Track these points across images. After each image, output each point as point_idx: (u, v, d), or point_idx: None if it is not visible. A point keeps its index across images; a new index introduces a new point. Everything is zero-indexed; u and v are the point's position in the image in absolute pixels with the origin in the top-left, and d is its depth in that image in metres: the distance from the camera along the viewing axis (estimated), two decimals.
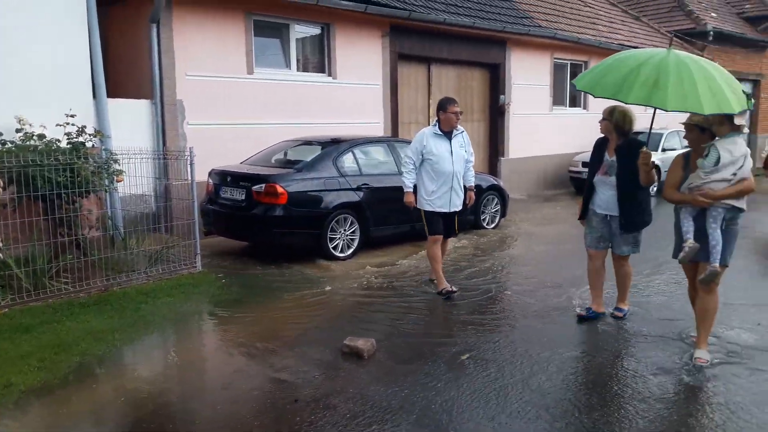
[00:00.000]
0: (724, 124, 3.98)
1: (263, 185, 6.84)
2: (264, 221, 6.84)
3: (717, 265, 4.02)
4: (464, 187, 6.01)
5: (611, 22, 16.09)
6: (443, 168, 5.75)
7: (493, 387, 3.97)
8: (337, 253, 7.24)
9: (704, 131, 4.07)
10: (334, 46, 9.72)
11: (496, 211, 9.21)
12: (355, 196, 7.34)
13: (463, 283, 6.39)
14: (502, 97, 12.59)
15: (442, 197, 5.83)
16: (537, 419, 3.55)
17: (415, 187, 5.93)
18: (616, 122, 4.79)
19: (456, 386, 3.98)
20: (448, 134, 5.82)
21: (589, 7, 16.22)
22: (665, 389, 3.91)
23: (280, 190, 6.77)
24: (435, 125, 5.86)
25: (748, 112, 3.90)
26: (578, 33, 13.75)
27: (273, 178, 6.92)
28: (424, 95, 11.49)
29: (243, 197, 7.04)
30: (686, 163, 4.19)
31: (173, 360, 4.60)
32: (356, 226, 7.37)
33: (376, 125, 10.22)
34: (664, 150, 13.25)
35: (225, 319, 5.40)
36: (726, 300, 5.18)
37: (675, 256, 4.30)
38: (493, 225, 9.14)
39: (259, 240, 7.39)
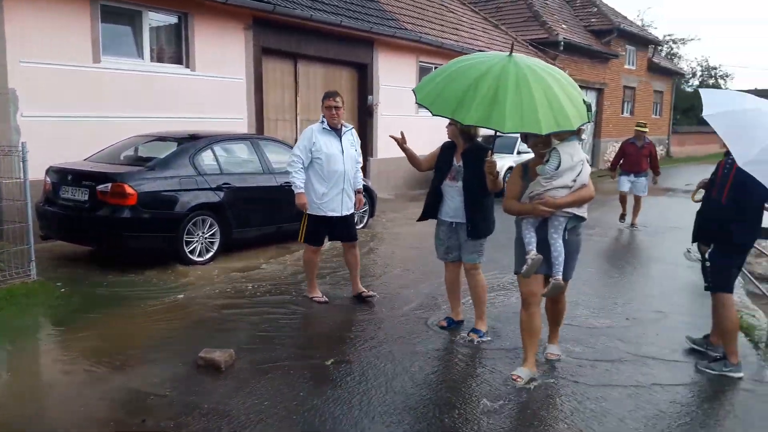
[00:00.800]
0: None
1: (109, 185, 6.23)
2: (110, 224, 6.25)
3: (560, 277, 3.88)
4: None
5: (472, 28, 16.77)
6: (334, 167, 5.35)
7: (356, 392, 3.86)
8: (195, 258, 6.79)
9: (544, 138, 3.79)
10: (192, 37, 9.17)
11: (364, 211, 9.17)
12: (214, 197, 6.92)
13: (328, 288, 6.21)
14: (370, 97, 12.63)
15: (334, 200, 5.42)
16: (400, 423, 3.48)
17: None
18: (462, 127, 4.48)
19: (319, 394, 3.81)
20: (337, 131, 5.44)
21: (453, 13, 16.79)
22: (519, 391, 3.99)
23: (129, 190, 6.21)
24: (322, 121, 5.45)
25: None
26: (442, 38, 14.16)
27: (121, 176, 6.34)
28: (291, 92, 11.22)
29: (86, 198, 6.38)
30: (525, 173, 3.97)
31: (1, 382, 4.02)
32: (216, 228, 6.96)
33: (239, 122, 9.80)
34: (519, 153, 13.97)
35: (63, 334, 4.83)
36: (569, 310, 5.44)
37: (517, 270, 4.04)
38: (361, 225, 9.09)
39: (105, 245, 6.75)
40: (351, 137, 5.59)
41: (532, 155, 4.09)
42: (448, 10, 16.70)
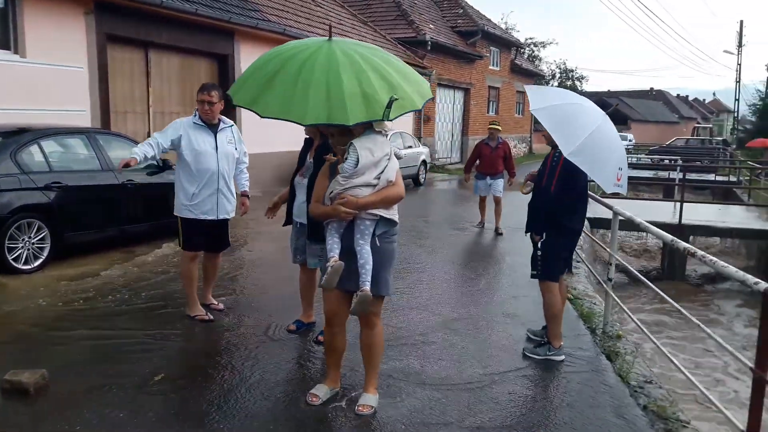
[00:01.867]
0: None
1: None
2: None
3: (368, 288, 3.31)
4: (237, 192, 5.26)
5: (341, 23, 16.66)
6: (205, 165, 4.84)
7: (183, 412, 3.53)
8: (21, 266, 6.06)
9: (344, 132, 3.36)
10: (22, 20, 8.22)
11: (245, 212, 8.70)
12: (43, 197, 6.22)
13: (178, 295, 5.78)
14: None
15: (207, 201, 4.89)
16: None
17: (157, 168, 5.33)
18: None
19: (143, 413, 3.45)
20: (212, 127, 4.93)
21: (320, 7, 16.59)
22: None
23: None
24: (195, 115, 4.94)
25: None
26: (309, 31, 13.89)
27: None
28: (142, 83, 10.45)
29: None
30: (333, 173, 3.46)
31: None
32: (46, 231, 6.26)
33: (80, 114, 8.93)
34: None
35: None
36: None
37: (320, 283, 3.45)
38: None
39: None
40: (230, 134, 5.09)
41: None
42: (316, 4, 16.47)
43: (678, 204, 12.34)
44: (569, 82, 42.64)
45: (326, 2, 17.57)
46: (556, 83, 42.49)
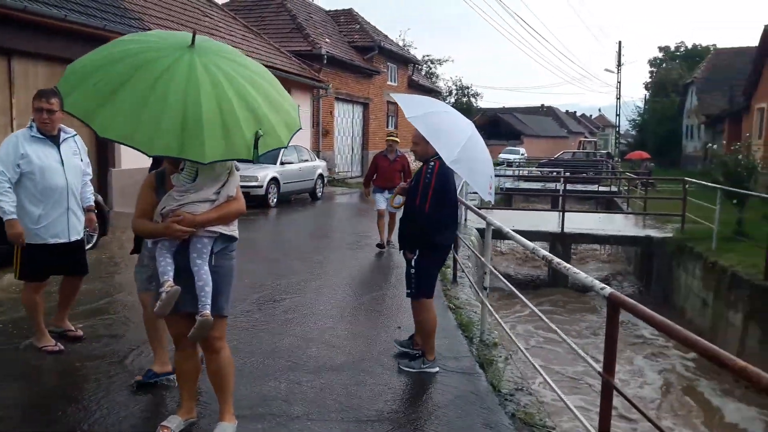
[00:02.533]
0: None
1: None
2: None
3: (208, 312, 3.04)
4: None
5: (231, 35, 16.26)
6: (52, 183, 4.35)
7: None
8: None
9: None
10: None
11: (93, 229, 8.11)
12: None
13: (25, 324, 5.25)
14: None
15: (57, 223, 4.41)
16: None
17: None
18: None
19: None
20: (53, 138, 4.42)
21: (209, 18, 16.12)
22: None
23: None
24: (31, 126, 4.39)
25: None
26: None
27: None
28: (5, 94, 9.63)
29: None
30: (161, 184, 3.12)
31: None
32: None
33: None
34: (282, 164, 13.85)
35: None
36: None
37: (154, 309, 3.09)
38: (89, 245, 8.04)
39: None
40: (74, 145, 4.60)
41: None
42: (204, 14, 15.98)
43: (561, 213, 12.91)
44: (465, 99, 44.08)
45: (216, 12, 17.11)
46: (452, 99, 43.81)
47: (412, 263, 4.52)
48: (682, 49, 52.95)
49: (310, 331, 5.47)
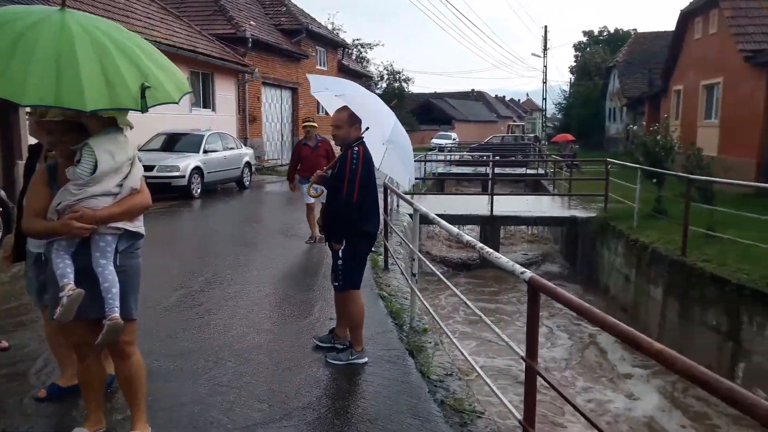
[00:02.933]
0: (99, 116, 2.77)
1: None
2: None
3: (117, 315, 2.80)
4: None
5: (148, 17, 15.49)
6: None
7: None
8: None
9: (71, 128, 2.79)
10: None
11: None
12: None
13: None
14: None
15: None
16: None
17: None
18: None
19: None
20: None
21: None
22: None
23: None
24: None
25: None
26: None
27: None
28: None
29: None
30: (53, 178, 2.84)
31: None
32: None
33: None
34: (206, 152, 13.35)
35: None
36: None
37: (51, 315, 2.83)
38: None
39: None
40: None
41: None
42: None
43: (490, 197, 13.05)
44: (396, 84, 44.10)
45: None
46: (384, 84, 43.75)
47: (340, 254, 4.34)
48: (605, 34, 54.70)
49: (234, 327, 5.25)
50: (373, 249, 8.71)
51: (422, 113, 51.14)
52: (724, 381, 1.66)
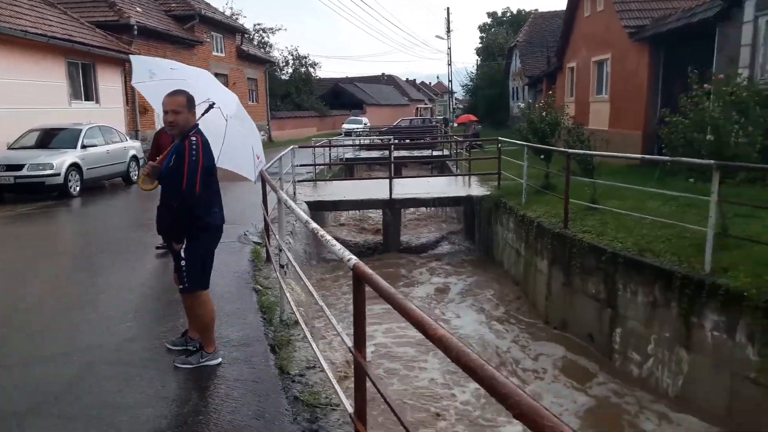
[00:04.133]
0: None
1: None
2: None
3: None
4: None
5: (14, 4, 14.26)
6: None
7: None
8: None
9: None
10: None
11: None
12: None
13: None
14: None
15: None
16: None
17: None
18: None
19: None
20: None
21: None
22: None
23: None
24: None
25: None
26: None
27: None
28: None
29: None
30: None
31: None
32: None
33: None
34: (84, 147, 12.48)
35: None
36: None
37: None
38: None
39: None
40: None
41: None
42: None
43: (389, 181, 12.96)
44: (303, 69, 43.33)
45: None
46: (290, 70, 42.89)
47: (182, 254, 3.99)
48: (508, 15, 56.01)
49: (81, 335, 4.84)
50: (258, 241, 8.51)
51: (332, 98, 50.63)
52: (488, 369, 1.53)
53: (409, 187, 14.22)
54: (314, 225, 3.54)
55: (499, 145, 13.27)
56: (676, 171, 9.14)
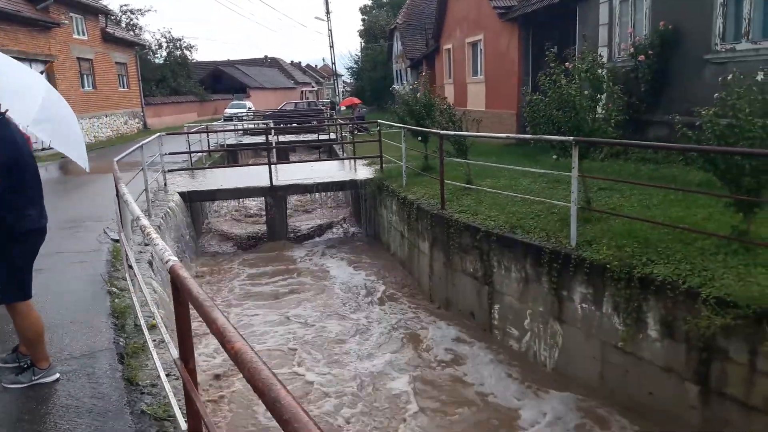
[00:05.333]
0: None
1: None
2: None
3: None
4: None
5: None
6: None
7: None
8: None
9: None
10: None
11: None
12: None
13: None
14: None
15: None
16: None
17: None
18: None
19: None
20: None
21: None
22: None
23: None
24: None
25: None
26: None
27: None
28: None
29: None
30: None
31: None
32: None
33: None
34: None
35: None
36: None
37: None
38: None
39: None
40: None
41: None
42: None
43: (268, 167, 12.48)
44: (178, 52, 41.15)
45: None
46: (164, 53, 40.60)
47: None
48: None
49: None
50: (117, 239, 7.84)
51: (213, 82, 48.57)
52: (276, 388, 1.29)
53: (292, 173, 13.81)
54: (144, 222, 3.14)
55: (379, 128, 13.17)
56: (547, 148, 9.46)
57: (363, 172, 13.72)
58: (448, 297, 8.61)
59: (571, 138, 5.70)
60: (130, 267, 4.94)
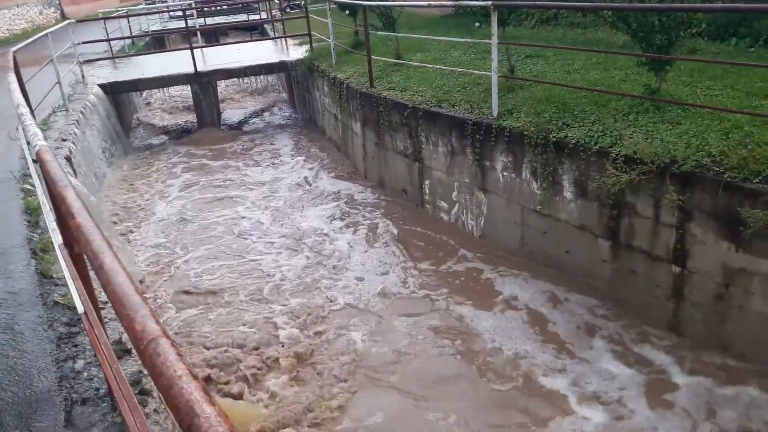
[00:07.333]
0: None
1: None
2: None
3: None
4: None
5: None
6: None
7: None
8: None
9: None
10: None
11: None
12: None
13: None
14: None
15: None
16: None
17: None
18: None
19: None
20: None
21: None
22: None
23: None
24: None
25: None
26: None
27: None
28: None
29: None
30: None
31: None
32: None
33: None
34: None
35: None
36: None
37: None
38: None
39: None
40: None
41: None
42: None
43: (191, 51, 11.82)
44: None
45: None
46: None
47: None
48: None
49: None
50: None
51: None
52: (107, 257, 1.28)
53: (221, 57, 13.15)
54: (22, 110, 2.94)
55: (304, 1, 12.48)
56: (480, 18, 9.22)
57: (294, 53, 13.16)
58: (381, 176, 8.66)
59: (489, 2, 5.53)
60: (35, 161, 4.72)
